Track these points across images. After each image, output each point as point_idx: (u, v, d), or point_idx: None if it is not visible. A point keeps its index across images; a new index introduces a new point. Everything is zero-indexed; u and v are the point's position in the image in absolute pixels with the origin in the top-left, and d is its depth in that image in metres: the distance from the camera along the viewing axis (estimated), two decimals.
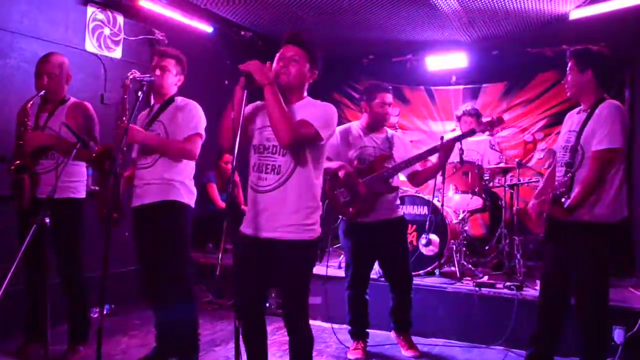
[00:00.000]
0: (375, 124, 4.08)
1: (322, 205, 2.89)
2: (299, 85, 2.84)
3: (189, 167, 3.62)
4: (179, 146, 3.48)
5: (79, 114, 3.78)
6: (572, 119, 3.36)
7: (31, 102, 3.70)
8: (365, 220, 3.97)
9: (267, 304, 5.00)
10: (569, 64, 3.28)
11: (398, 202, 4.19)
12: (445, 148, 3.82)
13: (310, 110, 2.79)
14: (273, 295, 4.96)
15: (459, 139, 3.97)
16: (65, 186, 3.70)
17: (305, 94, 2.92)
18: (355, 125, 4.15)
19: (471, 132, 3.95)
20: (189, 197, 3.60)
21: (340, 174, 3.92)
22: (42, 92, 3.67)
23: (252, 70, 2.63)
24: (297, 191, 2.75)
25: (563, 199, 3.00)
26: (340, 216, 4.15)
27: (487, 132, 3.78)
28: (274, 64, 2.79)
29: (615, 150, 3.04)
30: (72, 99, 3.86)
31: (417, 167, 4.05)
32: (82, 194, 3.88)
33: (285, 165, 2.75)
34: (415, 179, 4.10)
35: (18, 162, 3.59)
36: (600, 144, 3.05)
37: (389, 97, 4.05)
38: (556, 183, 3.24)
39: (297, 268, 2.82)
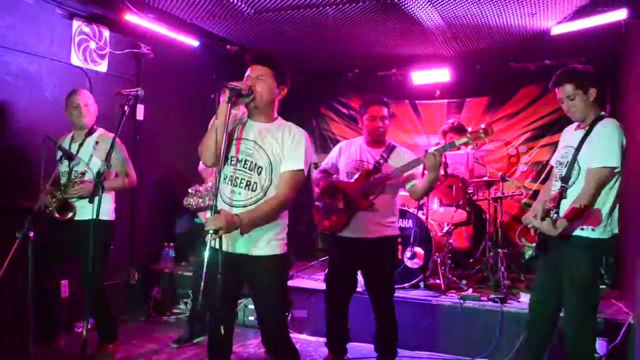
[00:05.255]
0: (371, 138, 3.96)
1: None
2: (268, 103, 2.85)
3: None
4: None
5: None
6: (570, 134, 3.33)
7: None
8: (345, 236, 3.86)
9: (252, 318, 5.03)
10: (569, 90, 3.14)
11: (390, 220, 3.91)
12: (430, 161, 3.49)
13: (287, 144, 2.79)
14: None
15: (440, 152, 3.64)
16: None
17: (276, 114, 2.92)
18: (359, 140, 4.06)
19: (451, 145, 3.64)
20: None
21: (321, 184, 3.93)
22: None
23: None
24: None
25: (552, 214, 2.99)
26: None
27: (470, 146, 3.71)
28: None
29: (611, 169, 3.02)
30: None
31: (418, 180, 3.79)
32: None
33: (260, 184, 2.77)
34: (414, 193, 3.85)
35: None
36: (596, 162, 3.02)
37: (378, 110, 3.90)
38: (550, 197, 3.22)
39: (273, 282, 2.85)
